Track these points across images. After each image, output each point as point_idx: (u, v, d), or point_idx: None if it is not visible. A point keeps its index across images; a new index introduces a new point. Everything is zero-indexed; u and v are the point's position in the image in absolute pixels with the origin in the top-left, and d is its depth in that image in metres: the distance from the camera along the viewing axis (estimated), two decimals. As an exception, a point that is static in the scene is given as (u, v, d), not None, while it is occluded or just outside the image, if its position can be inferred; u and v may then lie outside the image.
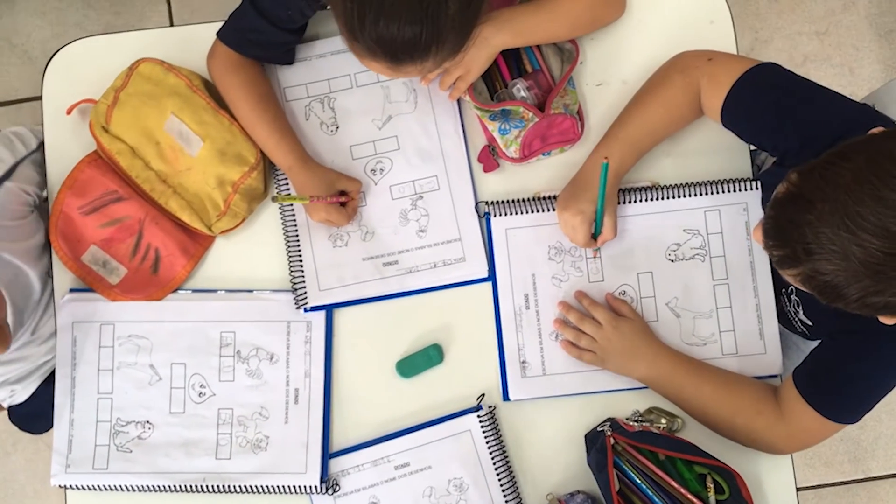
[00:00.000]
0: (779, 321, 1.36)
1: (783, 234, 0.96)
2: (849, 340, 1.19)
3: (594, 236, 1.31)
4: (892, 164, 0.89)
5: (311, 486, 1.31)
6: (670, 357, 1.31)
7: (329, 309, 1.37)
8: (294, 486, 1.32)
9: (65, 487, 1.35)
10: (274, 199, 1.29)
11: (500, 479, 1.32)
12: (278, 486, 1.32)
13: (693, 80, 1.27)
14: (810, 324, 1.29)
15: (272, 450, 1.33)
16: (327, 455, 1.33)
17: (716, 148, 1.37)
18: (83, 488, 1.34)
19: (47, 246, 1.38)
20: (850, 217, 0.88)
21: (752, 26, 2.33)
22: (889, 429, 2.25)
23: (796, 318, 1.33)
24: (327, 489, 1.32)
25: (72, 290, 1.38)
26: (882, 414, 2.25)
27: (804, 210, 0.92)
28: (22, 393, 1.60)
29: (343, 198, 1.34)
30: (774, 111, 1.19)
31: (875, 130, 0.98)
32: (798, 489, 2.06)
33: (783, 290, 1.33)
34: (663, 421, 1.33)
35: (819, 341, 1.26)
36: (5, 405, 1.64)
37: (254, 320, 1.36)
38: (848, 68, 2.33)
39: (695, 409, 1.30)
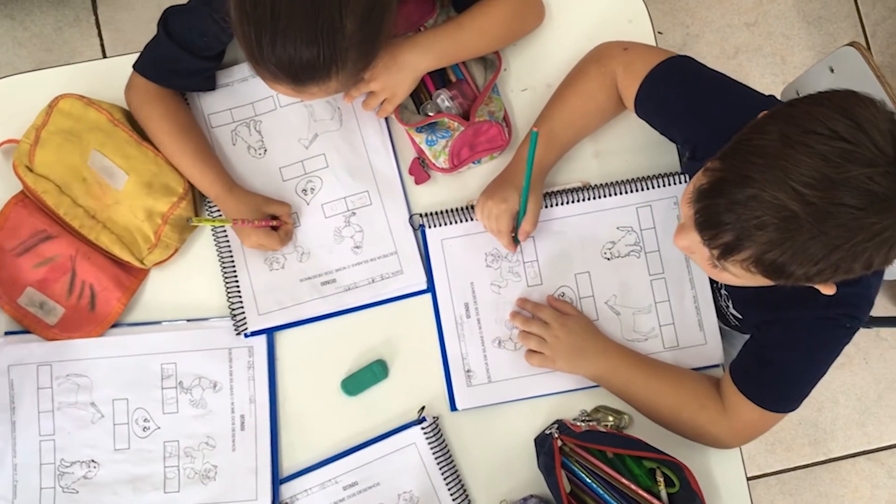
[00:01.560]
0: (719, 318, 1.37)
1: (722, 220, 0.94)
2: (772, 330, 1.20)
3: (515, 233, 1.31)
4: (811, 121, 0.90)
5: None
6: (618, 351, 1.32)
7: (270, 333, 1.36)
8: None
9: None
10: (189, 221, 1.28)
11: (450, 490, 1.32)
12: None
13: (609, 70, 1.29)
14: (741, 317, 1.31)
15: (221, 479, 1.32)
16: (277, 480, 1.32)
17: (642, 145, 1.39)
18: (32, 533, 1.32)
19: None
20: (793, 178, 0.88)
21: (682, 22, 2.36)
22: (846, 409, 2.27)
23: (728, 312, 1.34)
24: None
25: (6, 333, 1.36)
26: (838, 395, 2.27)
27: (742, 187, 0.92)
28: None
29: (273, 222, 1.34)
30: (685, 103, 1.20)
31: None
32: (760, 476, 2.08)
33: (714, 284, 1.34)
34: (610, 419, 1.34)
35: (750, 335, 1.27)
36: None
37: (195, 349, 1.35)
38: (780, 57, 2.37)
39: (643, 403, 1.31)
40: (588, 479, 1.28)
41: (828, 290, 1.02)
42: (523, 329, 1.33)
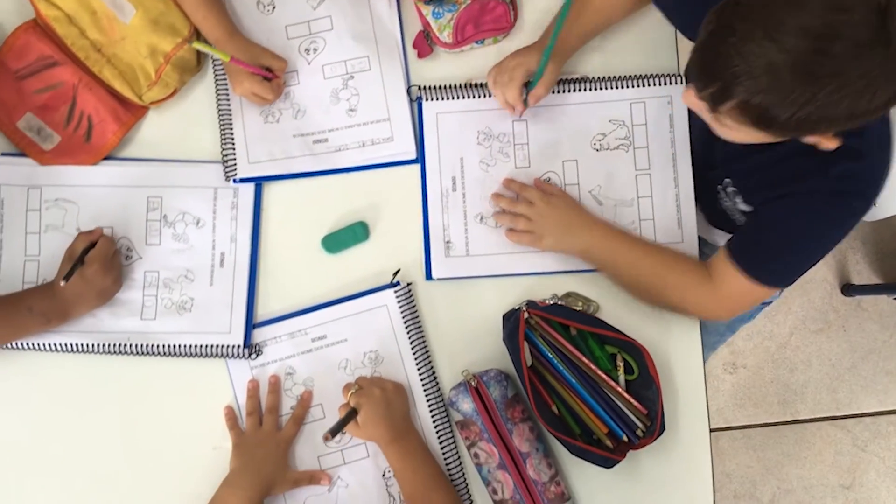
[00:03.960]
0: (719, 225, 1.38)
1: (710, 69, 0.98)
2: (777, 204, 1.20)
3: (525, 97, 1.32)
4: None
5: (234, 347, 1.33)
6: (604, 225, 1.33)
7: (258, 184, 1.38)
8: (218, 347, 1.33)
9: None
10: (190, 43, 1.30)
11: (414, 354, 1.34)
12: (202, 346, 1.33)
13: None
14: (750, 209, 1.31)
15: (197, 311, 1.34)
16: (251, 318, 1.35)
17: (643, 44, 1.41)
18: (6, 347, 1.34)
19: None
20: (771, 27, 0.91)
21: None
22: (819, 373, 2.29)
23: (736, 211, 1.34)
24: (250, 353, 1.33)
25: (1, 154, 1.38)
26: (812, 358, 2.29)
27: (726, 36, 0.95)
28: None
29: (267, 73, 1.35)
30: None
31: None
32: (726, 429, 2.10)
33: (718, 185, 1.36)
34: (580, 304, 1.36)
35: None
36: None
37: (181, 185, 1.37)
38: None
39: (628, 274, 1.31)
40: (549, 354, 1.30)
41: (829, 143, 1.03)
42: (509, 209, 1.35)
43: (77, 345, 1.33)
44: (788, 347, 2.28)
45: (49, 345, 1.33)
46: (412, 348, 1.34)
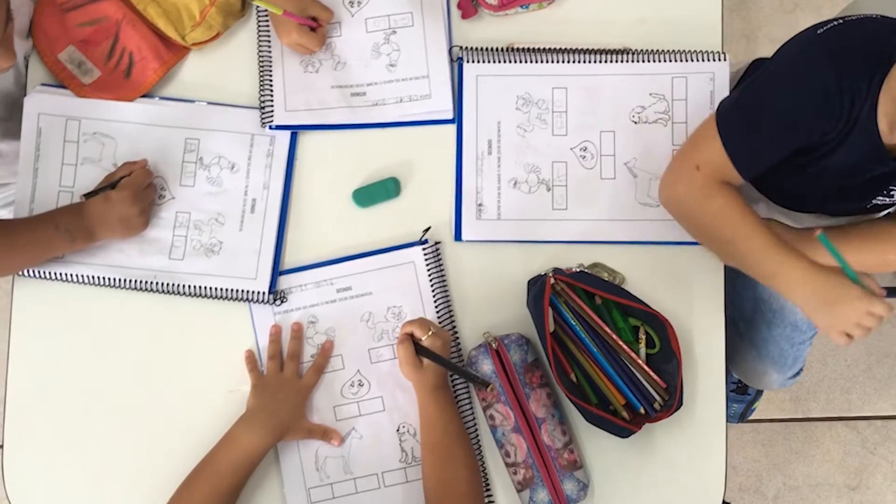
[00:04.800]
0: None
1: None
2: None
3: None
4: None
5: (259, 293, 1.33)
6: None
7: (294, 132, 1.38)
8: (242, 291, 1.33)
9: (20, 274, 1.36)
10: None
11: (438, 313, 1.34)
12: (227, 290, 1.34)
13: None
14: None
15: (224, 255, 1.35)
16: (278, 267, 1.35)
17: (689, 19, 1.40)
18: (35, 276, 1.35)
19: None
20: None
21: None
22: (833, 373, 2.28)
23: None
24: (275, 300, 1.33)
25: (42, 85, 1.39)
26: (828, 357, 2.28)
27: None
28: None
29: (313, 23, 1.35)
30: None
31: None
32: (737, 421, 2.09)
33: (883, 193, 1.25)
34: (605, 275, 1.36)
35: None
36: None
37: (219, 129, 1.37)
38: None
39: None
40: (572, 321, 1.30)
41: None
42: None
43: (106, 278, 1.34)
44: (805, 344, 2.27)
45: (79, 276, 1.34)
46: (436, 306, 1.34)
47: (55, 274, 1.34)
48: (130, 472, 1.34)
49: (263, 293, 1.33)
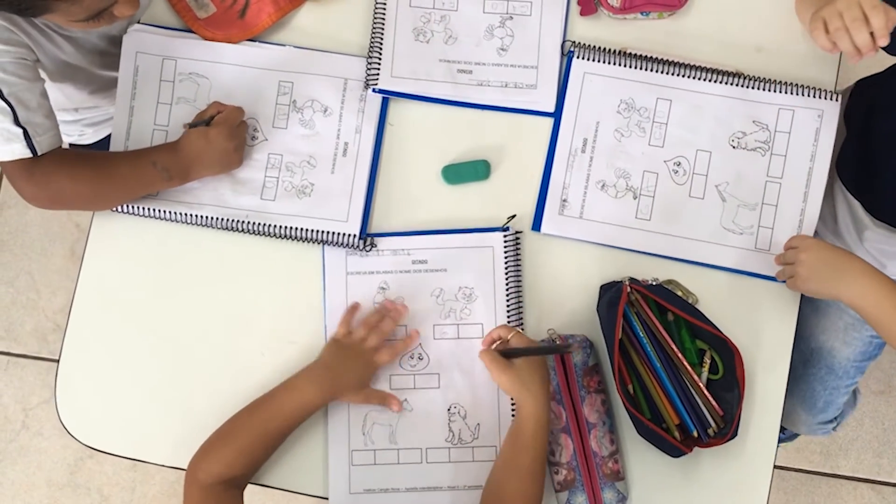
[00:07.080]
0: None
1: None
2: None
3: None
4: None
5: (350, 236, 1.34)
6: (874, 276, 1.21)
7: (385, 97, 1.39)
8: (333, 233, 1.34)
9: (116, 210, 1.37)
10: None
11: (507, 301, 1.34)
12: (318, 231, 1.34)
13: None
14: None
15: (316, 196, 1.36)
16: (369, 211, 1.36)
17: (806, 53, 1.39)
18: (131, 212, 1.36)
19: None
20: None
21: None
22: (868, 434, 2.26)
23: None
24: (365, 245, 1.34)
25: (150, 25, 1.40)
26: (866, 417, 2.26)
27: None
28: (92, 136, 1.66)
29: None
30: None
31: None
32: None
33: None
34: (679, 292, 1.35)
35: None
36: (70, 142, 1.67)
37: (313, 73, 1.38)
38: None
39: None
40: (641, 333, 1.29)
41: None
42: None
43: (199, 216, 1.35)
44: (845, 401, 2.25)
45: (174, 213, 1.35)
46: (507, 294, 1.34)
47: (150, 210, 1.35)
48: (177, 404, 1.35)
49: (354, 236, 1.33)
